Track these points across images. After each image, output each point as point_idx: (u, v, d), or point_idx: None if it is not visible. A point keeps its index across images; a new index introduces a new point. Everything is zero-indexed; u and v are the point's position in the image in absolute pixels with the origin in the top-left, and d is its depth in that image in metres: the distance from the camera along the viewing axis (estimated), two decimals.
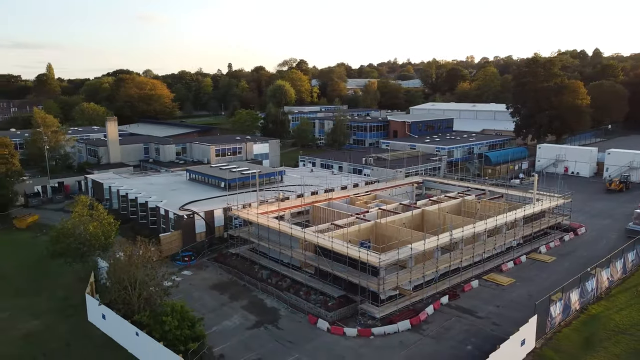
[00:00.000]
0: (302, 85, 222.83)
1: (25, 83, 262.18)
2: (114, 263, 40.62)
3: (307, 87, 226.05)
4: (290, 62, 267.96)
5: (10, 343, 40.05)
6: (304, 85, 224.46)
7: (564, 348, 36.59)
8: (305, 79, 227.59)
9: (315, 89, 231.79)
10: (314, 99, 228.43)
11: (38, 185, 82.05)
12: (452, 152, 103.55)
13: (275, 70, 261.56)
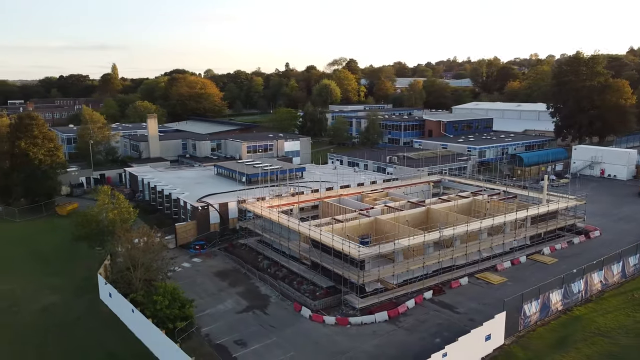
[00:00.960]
0: (349, 84, 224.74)
1: (92, 82, 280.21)
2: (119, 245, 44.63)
3: (354, 86, 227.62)
4: (340, 61, 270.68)
5: (30, 314, 45.05)
6: (351, 85, 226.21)
7: (534, 347, 36.83)
8: (352, 78, 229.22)
9: (362, 88, 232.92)
10: (361, 98, 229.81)
11: (83, 177, 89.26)
12: (483, 152, 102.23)
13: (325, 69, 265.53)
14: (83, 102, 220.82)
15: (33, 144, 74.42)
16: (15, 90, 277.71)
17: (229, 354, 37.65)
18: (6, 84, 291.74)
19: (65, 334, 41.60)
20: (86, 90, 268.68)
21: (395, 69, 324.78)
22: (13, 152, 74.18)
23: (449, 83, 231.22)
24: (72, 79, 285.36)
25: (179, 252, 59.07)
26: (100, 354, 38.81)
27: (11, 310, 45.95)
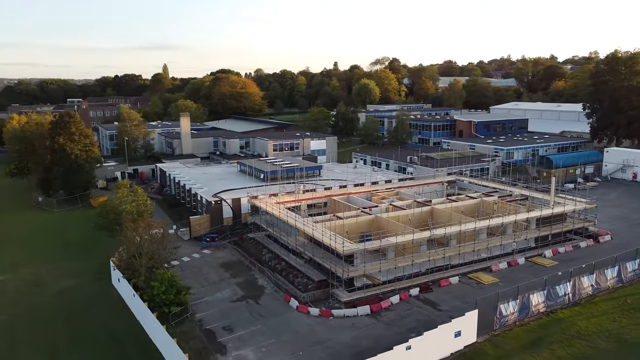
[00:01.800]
0: (389, 83, 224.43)
1: (144, 82, 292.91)
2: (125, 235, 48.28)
3: (395, 86, 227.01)
4: (382, 61, 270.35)
5: (48, 295, 49.55)
6: (392, 84, 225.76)
7: (507, 346, 37.30)
8: (393, 77, 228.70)
9: (402, 87, 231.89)
10: (402, 97, 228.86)
11: (118, 172, 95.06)
12: (511, 153, 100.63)
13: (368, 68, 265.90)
14: (133, 101, 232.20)
15: (70, 140, 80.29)
16: (75, 89, 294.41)
17: (215, 338, 40.29)
18: (67, 83, 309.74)
19: (75, 314, 45.58)
20: (138, 89, 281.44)
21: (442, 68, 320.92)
22: (53, 147, 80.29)
23: (491, 82, 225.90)
24: (126, 78, 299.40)
25: (192, 243, 62.74)
26: (101, 333, 42.39)
27: (34, 291, 50.66)
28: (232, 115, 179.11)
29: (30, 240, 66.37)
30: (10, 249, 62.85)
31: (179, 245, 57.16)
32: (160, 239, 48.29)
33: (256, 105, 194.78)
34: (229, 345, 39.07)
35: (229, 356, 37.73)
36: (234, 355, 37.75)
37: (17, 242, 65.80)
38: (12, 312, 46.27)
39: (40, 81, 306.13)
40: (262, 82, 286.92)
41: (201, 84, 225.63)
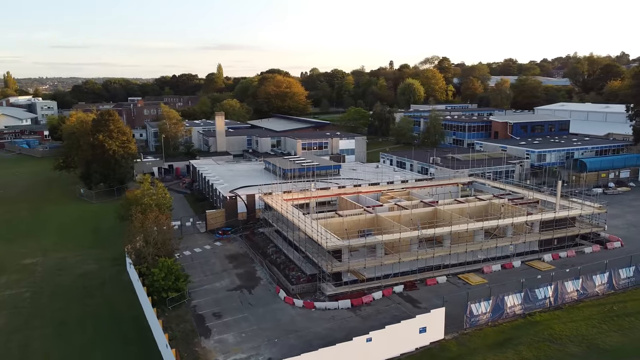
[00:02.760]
0: (436, 83, 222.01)
1: (199, 81, 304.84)
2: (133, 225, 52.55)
3: (442, 86, 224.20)
4: (432, 60, 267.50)
5: (69, 277, 54.74)
6: (438, 84, 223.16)
7: (472, 344, 38.04)
8: (440, 77, 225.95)
9: (450, 87, 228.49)
10: (449, 97, 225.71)
11: (155, 167, 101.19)
12: (543, 155, 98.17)
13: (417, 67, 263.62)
14: (186, 100, 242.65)
15: (109, 137, 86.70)
16: (135, 88, 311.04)
17: (203, 322, 43.50)
18: (129, 82, 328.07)
19: (88, 295, 50.29)
20: (194, 88, 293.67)
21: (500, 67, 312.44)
22: (94, 143, 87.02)
23: (543, 82, 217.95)
24: (182, 78, 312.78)
25: (207, 236, 66.69)
26: (106, 311, 46.71)
27: (58, 273, 56.07)
28: (275, 114, 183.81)
29: (66, 228, 72.73)
30: (47, 236, 69.28)
31: (182, 237, 61.14)
32: (165, 230, 52.19)
33: (300, 105, 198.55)
34: (214, 330, 42.17)
35: (211, 339, 40.79)
36: (215, 339, 40.78)
37: (54, 229, 72.33)
38: (36, 290, 51.68)
39: (105, 80, 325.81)
40: (314, 82, 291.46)
41: (250, 83, 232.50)
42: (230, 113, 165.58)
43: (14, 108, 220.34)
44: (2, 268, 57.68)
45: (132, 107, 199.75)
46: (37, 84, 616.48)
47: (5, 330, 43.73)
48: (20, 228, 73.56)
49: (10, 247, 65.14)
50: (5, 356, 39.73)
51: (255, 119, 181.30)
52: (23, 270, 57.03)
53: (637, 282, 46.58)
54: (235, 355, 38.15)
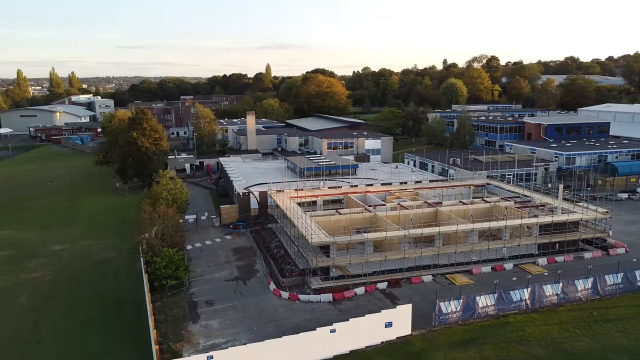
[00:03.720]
0: (481, 83, 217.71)
1: (248, 81, 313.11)
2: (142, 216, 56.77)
3: (487, 85, 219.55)
4: (480, 58, 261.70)
5: (88, 264, 59.79)
6: (484, 83, 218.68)
7: (437, 341, 39.11)
8: (485, 76, 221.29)
9: (496, 87, 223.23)
10: (494, 97, 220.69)
11: (187, 163, 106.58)
12: (572, 159, 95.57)
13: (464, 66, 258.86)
14: (232, 99, 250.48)
15: (142, 134, 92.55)
16: (189, 87, 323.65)
17: (195, 309, 46.83)
18: (182, 81, 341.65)
19: (101, 280, 54.96)
20: (243, 87, 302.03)
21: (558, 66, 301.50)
22: (128, 140, 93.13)
23: (598, 82, 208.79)
24: (232, 77, 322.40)
25: (220, 229, 70.41)
26: (112, 295, 51.00)
27: (79, 260, 61.33)
28: (315, 114, 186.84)
29: (97, 218, 78.69)
30: (77, 225, 75.37)
31: (187, 230, 65.00)
32: (172, 223, 56.09)
33: (340, 104, 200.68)
34: (202, 316, 45.42)
35: (198, 324, 44.03)
36: (202, 324, 43.99)
37: (86, 219, 78.44)
38: (57, 274, 56.96)
39: (160, 80, 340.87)
40: (361, 81, 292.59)
41: (294, 83, 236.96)
42: (270, 112, 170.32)
43: (74, 106, 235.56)
44: (34, 253, 63.70)
45: (181, 106, 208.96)
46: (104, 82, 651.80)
47: (24, 307, 48.86)
48: (58, 217, 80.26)
49: (45, 234, 71.50)
50: (19, 329, 44.57)
51: (295, 118, 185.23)
52: (51, 256, 62.77)
53: (625, 289, 45.74)
54: (215, 340, 41.12)
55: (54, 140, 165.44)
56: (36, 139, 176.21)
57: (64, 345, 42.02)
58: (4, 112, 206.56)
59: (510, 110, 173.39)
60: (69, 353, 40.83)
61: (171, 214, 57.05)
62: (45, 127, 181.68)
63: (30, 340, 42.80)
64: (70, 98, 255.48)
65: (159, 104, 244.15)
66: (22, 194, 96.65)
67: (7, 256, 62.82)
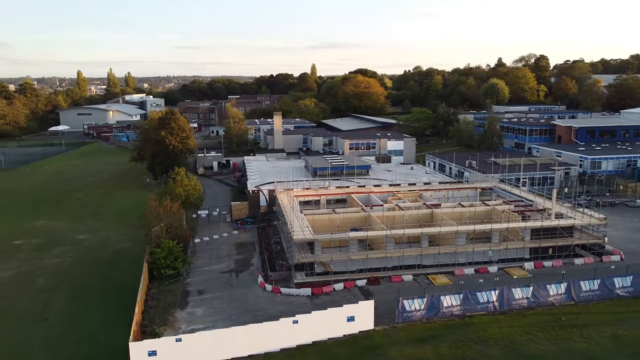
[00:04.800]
0: (525, 83, 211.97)
1: (293, 80, 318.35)
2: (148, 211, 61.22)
3: (532, 85, 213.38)
4: (528, 58, 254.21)
5: (104, 253, 64.95)
6: (529, 84, 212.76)
7: (397, 337, 40.70)
8: (531, 76, 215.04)
9: (541, 87, 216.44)
10: (540, 98, 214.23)
11: (215, 161, 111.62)
12: (597, 163, 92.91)
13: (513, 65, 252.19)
14: (274, 99, 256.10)
15: (170, 133, 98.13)
16: (236, 87, 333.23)
17: (186, 297, 50.57)
18: (231, 81, 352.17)
19: (111, 268, 59.86)
20: (288, 87, 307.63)
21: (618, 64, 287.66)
22: (157, 139, 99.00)
23: None
24: (279, 77, 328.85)
25: (230, 225, 74.23)
26: (116, 282, 55.61)
27: (97, 249, 66.74)
28: (351, 114, 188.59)
29: (122, 211, 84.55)
30: (104, 217, 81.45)
31: (199, 224, 69.11)
32: (175, 217, 60.26)
33: (378, 104, 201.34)
34: (190, 304, 49.09)
35: (184, 311, 47.71)
36: (188, 311, 47.63)
37: (112, 212, 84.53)
38: (75, 261, 62.46)
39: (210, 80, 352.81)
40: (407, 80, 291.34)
41: (335, 83, 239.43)
42: (305, 112, 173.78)
43: (127, 105, 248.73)
44: (59, 241, 69.83)
45: (223, 105, 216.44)
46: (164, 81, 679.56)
47: (39, 289, 54.28)
48: (89, 209, 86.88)
49: (74, 224, 77.89)
50: (30, 308, 49.67)
51: (333, 118, 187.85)
52: (74, 244, 68.64)
53: (602, 296, 45.38)
54: (195, 325, 44.55)
55: (103, 137, 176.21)
56: (89, 135, 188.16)
57: (66, 324, 46.67)
58: (63, 111, 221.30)
59: (550, 112, 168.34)
60: (69, 331, 45.36)
61: (175, 209, 61.20)
62: (97, 124, 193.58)
63: (38, 318, 47.81)
64: (124, 97, 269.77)
65: (206, 104, 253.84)
66: (64, 187, 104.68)
67: (37, 243, 69.22)
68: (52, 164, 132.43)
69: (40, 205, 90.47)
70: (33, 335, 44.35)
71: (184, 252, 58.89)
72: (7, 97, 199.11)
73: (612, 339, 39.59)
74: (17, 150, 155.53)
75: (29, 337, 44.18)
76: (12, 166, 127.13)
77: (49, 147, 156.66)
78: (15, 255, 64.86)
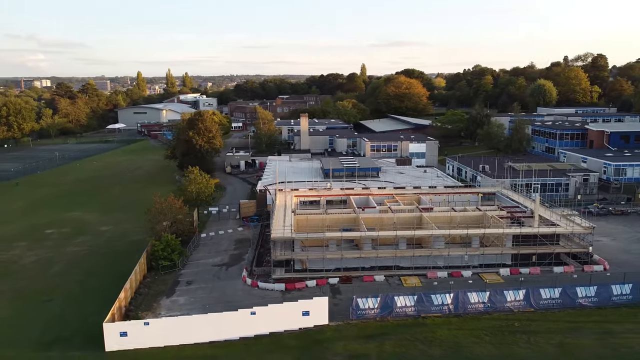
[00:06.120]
0: (577, 84, 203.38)
1: (342, 80, 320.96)
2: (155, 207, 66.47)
3: (584, 86, 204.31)
4: (585, 57, 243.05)
5: (120, 243, 70.93)
6: (581, 85, 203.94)
7: (348, 333, 42.97)
8: (583, 77, 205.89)
9: (595, 88, 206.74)
10: (593, 99, 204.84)
11: (242, 160, 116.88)
12: (621, 170, 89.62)
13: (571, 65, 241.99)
14: (322, 99, 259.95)
15: (197, 134, 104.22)
16: (287, 87, 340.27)
17: (175, 286, 55.14)
18: (283, 81, 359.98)
19: (121, 257, 65.59)
20: (337, 87, 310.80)
21: None
22: (185, 139, 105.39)
23: None
24: (329, 77, 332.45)
25: (238, 222, 78.55)
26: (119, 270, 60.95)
27: (115, 239, 73.04)
28: (390, 115, 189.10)
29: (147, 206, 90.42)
30: (129, 210, 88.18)
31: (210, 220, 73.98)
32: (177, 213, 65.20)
33: (419, 105, 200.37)
34: (177, 293, 53.60)
35: (169, 299, 52.22)
36: (172, 299, 52.12)
37: (139, 206, 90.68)
38: (93, 250, 68.88)
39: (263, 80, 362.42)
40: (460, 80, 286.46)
41: (379, 83, 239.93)
42: (342, 113, 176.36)
43: (180, 104, 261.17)
44: (85, 231, 76.92)
45: (269, 105, 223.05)
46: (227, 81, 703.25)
47: (54, 273, 60.78)
48: (119, 203, 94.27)
49: (102, 216, 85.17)
50: (41, 290, 55.84)
51: (372, 118, 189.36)
52: (96, 234, 75.43)
53: (564, 304, 45.37)
54: (174, 312, 48.86)
55: (152, 135, 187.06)
56: (140, 133, 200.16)
57: (68, 305, 52.33)
58: (121, 110, 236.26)
59: (597, 114, 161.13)
60: (67, 311, 50.92)
61: (178, 205, 66.17)
62: (148, 123, 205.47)
63: (44, 299, 53.97)
64: (179, 97, 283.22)
65: (254, 103, 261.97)
66: (104, 182, 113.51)
67: (65, 233, 76.65)
68: (100, 160, 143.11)
69: (79, 198, 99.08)
70: (36, 313, 50.30)
71: (186, 245, 63.76)
72: (70, 97, 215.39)
73: (557, 346, 39.98)
74: (73, 147, 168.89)
75: (32, 314, 50.18)
76: (65, 162, 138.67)
77: (102, 144, 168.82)
78: (44, 242, 72.32)
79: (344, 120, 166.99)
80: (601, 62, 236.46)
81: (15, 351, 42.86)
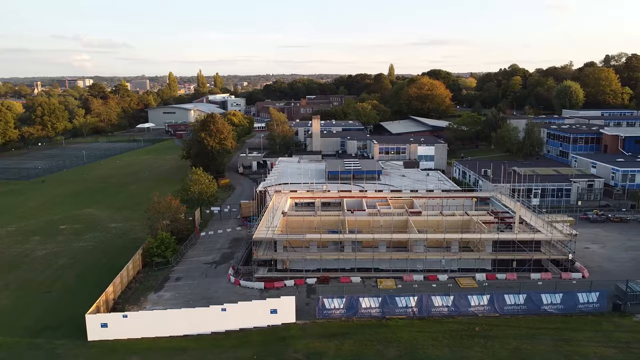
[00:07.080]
0: (607, 85, 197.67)
1: (370, 81, 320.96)
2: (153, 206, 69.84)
3: (615, 88, 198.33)
4: (617, 57, 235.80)
5: (124, 240, 74.91)
6: (611, 86, 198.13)
7: (312, 331, 44.68)
8: (614, 78, 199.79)
9: (626, 89, 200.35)
10: (624, 101, 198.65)
11: (254, 161, 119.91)
12: (630, 176, 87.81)
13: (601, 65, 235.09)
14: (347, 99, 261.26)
15: (209, 135, 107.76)
16: (315, 87, 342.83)
17: (164, 282, 58.18)
18: (312, 81, 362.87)
19: (122, 253, 69.15)
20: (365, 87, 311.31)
21: None
22: (198, 140, 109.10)
23: None
24: (357, 77, 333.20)
25: (238, 222, 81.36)
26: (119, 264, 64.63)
27: (120, 236, 77.08)
28: (411, 116, 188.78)
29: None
30: (140, 208, 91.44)
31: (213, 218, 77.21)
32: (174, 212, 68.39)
33: (442, 107, 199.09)
34: (165, 288, 56.61)
35: (156, 294, 55.27)
36: (159, 294, 55.15)
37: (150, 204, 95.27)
38: (98, 245, 73.02)
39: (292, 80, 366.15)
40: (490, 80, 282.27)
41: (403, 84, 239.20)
42: (361, 114, 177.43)
43: (209, 104, 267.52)
44: (94, 228, 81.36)
45: (292, 106, 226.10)
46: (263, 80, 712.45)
47: (58, 266, 64.95)
48: (133, 201, 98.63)
49: (113, 214, 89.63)
50: (42, 282, 59.91)
51: (394, 119, 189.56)
52: (104, 231, 79.69)
53: (528, 310, 45.78)
54: (158, 307, 51.81)
55: (178, 135, 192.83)
56: (168, 133, 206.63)
57: (64, 296, 56.12)
58: (151, 109, 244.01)
59: (625, 118, 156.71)
60: (63, 302, 54.66)
61: (175, 205, 69.38)
62: (175, 123, 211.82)
63: (44, 290, 57.97)
64: (208, 97, 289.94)
65: (281, 104, 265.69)
66: (123, 180, 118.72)
67: (76, 229, 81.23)
68: (124, 159, 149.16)
69: (97, 195, 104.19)
70: (34, 304, 54.21)
71: (182, 244, 66.91)
72: (103, 97, 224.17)
73: (511, 352, 40.65)
74: (101, 146, 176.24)
75: (31, 304, 54.13)
76: (91, 160, 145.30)
77: (128, 143, 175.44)
78: (56, 237, 76.97)
79: (362, 122, 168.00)
80: (635, 62, 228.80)
81: (4, 338, 46.53)
